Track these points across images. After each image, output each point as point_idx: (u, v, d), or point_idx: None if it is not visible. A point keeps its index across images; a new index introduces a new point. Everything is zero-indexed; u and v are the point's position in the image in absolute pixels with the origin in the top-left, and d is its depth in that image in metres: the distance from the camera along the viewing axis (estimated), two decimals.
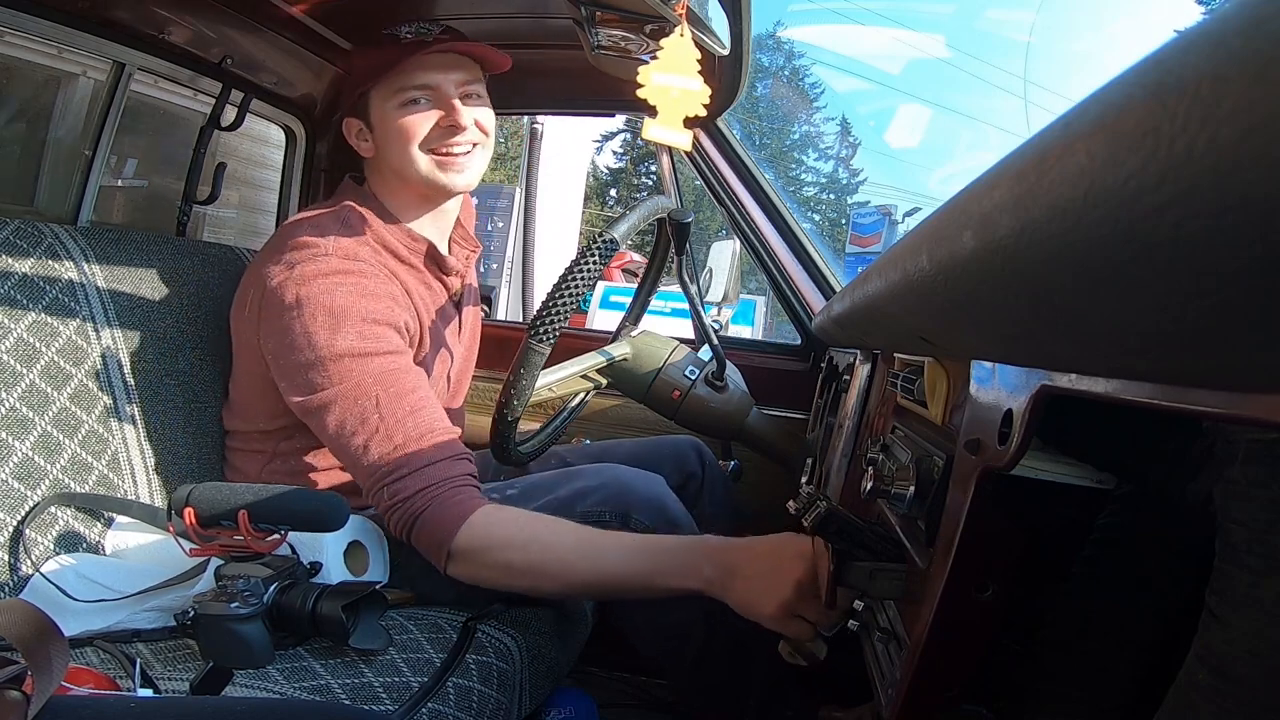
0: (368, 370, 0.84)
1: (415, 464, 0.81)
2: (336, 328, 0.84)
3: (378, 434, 0.82)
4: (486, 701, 0.77)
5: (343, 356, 0.84)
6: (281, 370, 0.88)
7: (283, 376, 0.88)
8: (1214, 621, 0.30)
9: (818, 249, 1.38)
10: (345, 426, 0.84)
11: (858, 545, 0.56)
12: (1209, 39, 0.15)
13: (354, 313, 0.85)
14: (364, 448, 0.82)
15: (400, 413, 0.83)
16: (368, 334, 0.85)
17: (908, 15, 18.16)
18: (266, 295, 0.88)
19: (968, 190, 0.30)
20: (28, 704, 0.42)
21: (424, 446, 0.82)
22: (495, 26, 1.20)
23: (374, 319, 0.86)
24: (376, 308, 0.87)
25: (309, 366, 0.84)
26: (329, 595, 0.71)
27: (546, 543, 0.80)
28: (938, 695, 0.44)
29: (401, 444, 0.82)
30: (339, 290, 0.86)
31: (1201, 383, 0.22)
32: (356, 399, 0.83)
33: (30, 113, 2.00)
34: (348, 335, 0.84)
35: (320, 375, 0.84)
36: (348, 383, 0.84)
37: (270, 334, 0.89)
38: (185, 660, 0.74)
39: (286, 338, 0.86)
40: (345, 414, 0.83)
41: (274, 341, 0.88)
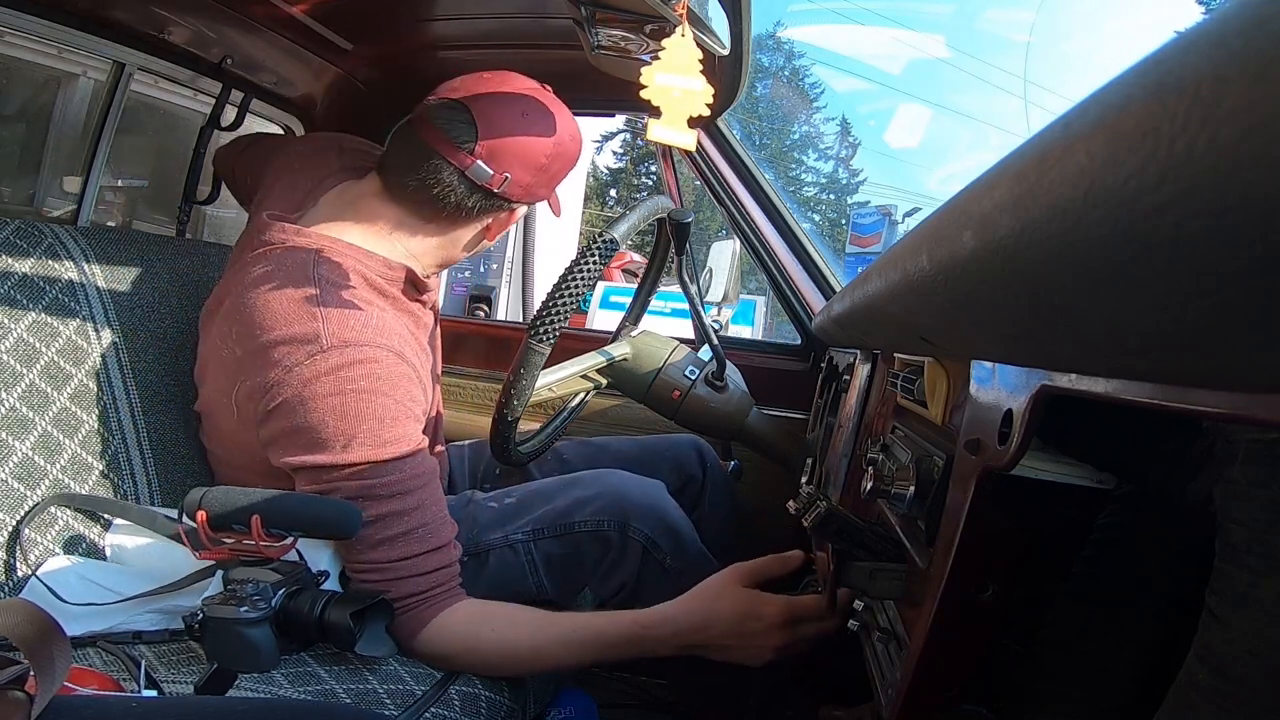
0: (380, 476, 0.77)
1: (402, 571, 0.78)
2: (352, 437, 0.77)
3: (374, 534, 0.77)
4: (491, 706, 0.77)
5: (356, 465, 0.77)
6: (287, 465, 0.80)
7: (289, 466, 0.80)
8: (1214, 621, 0.30)
9: (818, 249, 1.38)
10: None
11: (858, 545, 0.56)
12: (1209, 39, 0.15)
13: (368, 418, 0.77)
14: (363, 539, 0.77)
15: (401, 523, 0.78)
16: (385, 439, 0.78)
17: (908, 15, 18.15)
18: (264, 388, 0.79)
19: (968, 190, 0.30)
20: (30, 704, 0.42)
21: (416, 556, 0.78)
22: (495, 26, 1.20)
23: (390, 418, 0.78)
24: (390, 405, 0.79)
25: (319, 469, 0.78)
26: (337, 602, 0.71)
27: (500, 650, 0.79)
28: (938, 695, 0.44)
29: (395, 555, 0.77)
30: (348, 395, 0.77)
31: (1201, 383, 0.22)
32: (362, 499, 0.77)
33: (30, 113, 2.00)
34: (364, 444, 0.77)
35: (331, 474, 0.77)
36: (354, 483, 0.77)
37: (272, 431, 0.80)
38: (189, 662, 0.74)
39: (294, 438, 0.78)
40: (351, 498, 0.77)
41: (279, 440, 0.80)
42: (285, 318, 0.79)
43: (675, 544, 0.90)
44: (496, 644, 0.78)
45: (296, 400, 0.77)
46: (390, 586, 0.77)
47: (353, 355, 0.78)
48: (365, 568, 0.78)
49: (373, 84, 1.42)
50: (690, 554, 0.91)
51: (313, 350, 0.78)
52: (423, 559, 0.78)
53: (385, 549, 0.77)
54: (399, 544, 0.77)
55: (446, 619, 0.78)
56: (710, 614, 0.77)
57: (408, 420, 0.80)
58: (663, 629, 0.78)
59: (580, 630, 0.79)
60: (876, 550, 0.56)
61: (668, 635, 0.77)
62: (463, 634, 0.79)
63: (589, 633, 0.79)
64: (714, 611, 0.77)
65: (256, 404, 0.80)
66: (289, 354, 0.78)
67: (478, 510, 0.96)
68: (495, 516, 0.95)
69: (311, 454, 0.77)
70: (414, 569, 0.78)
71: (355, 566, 0.79)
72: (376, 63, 1.36)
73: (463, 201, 0.89)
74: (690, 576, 0.89)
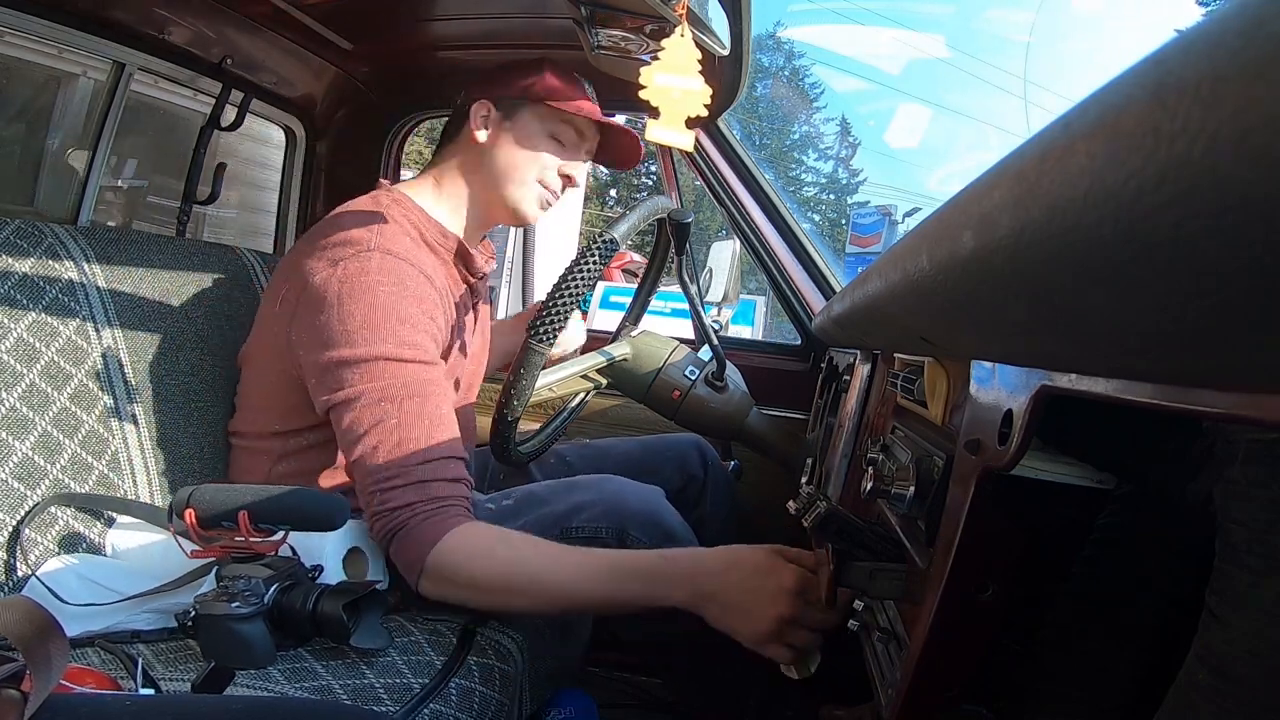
0: (399, 376, 0.84)
1: (411, 477, 0.81)
2: (375, 330, 0.84)
3: (388, 439, 0.82)
4: (488, 702, 0.77)
5: (377, 359, 0.83)
6: (312, 365, 0.87)
7: (312, 372, 0.87)
8: (1214, 621, 0.30)
9: (818, 249, 1.38)
10: (361, 425, 0.83)
11: (858, 545, 0.56)
12: (1209, 39, 0.15)
13: (393, 315, 0.85)
14: (372, 449, 0.82)
15: (416, 425, 0.83)
16: (405, 339, 0.85)
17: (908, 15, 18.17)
18: (307, 290, 0.88)
19: (968, 190, 0.30)
20: (25, 702, 0.42)
21: (427, 461, 0.82)
22: (495, 26, 1.20)
23: (411, 323, 0.86)
24: (415, 312, 0.87)
25: (342, 364, 0.84)
26: (330, 595, 0.71)
27: (514, 563, 0.79)
28: (938, 695, 0.44)
29: (407, 455, 0.81)
30: (380, 291, 0.86)
31: (1201, 383, 0.22)
32: (380, 401, 0.83)
33: (30, 113, 2.00)
34: (385, 339, 0.84)
35: (351, 373, 0.84)
36: (376, 383, 0.83)
37: (306, 328, 0.88)
38: (187, 661, 0.74)
39: (324, 334, 0.86)
40: (365, 413, 0.83)
41: (309, 336, 0.88)
42: (344, 226, 0.91)
43: None
44: (512, 560, 0.79)
45: (334, 294, 0.85)
46: (411, 494, 0.79)
47: (393, 264, 0.87)
48: (385, 476, 0.80)
49: (373, 84, 1.42)
50: None
51: (360, 250, 0.88)
52: (441, 464, 0.81)
53: (405, 450, 0.80)
54: (418, 445, 0.81)
55: (466, 531, 0.80)
56: (734, 559, 0.76)
57: (429, 339, 0.88)
58: (682, 562, 0.77)
59: (599, 556, 0.79)
60: (876, 550, 0.56)
61: (685, 570, 0.76)
62: (482, 546, 0.79)
63: (607, 559, 0.79)
64: (738, 558, 0.76)
65: (298, 299, 0.89)
66: (339, 253, 0.88)
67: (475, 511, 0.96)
68: (492, 518, 0.95)
69: (337, 349, 0.84)
70: (434, 473, 0.81)
71: (373, 481, 0.81)
72: (376, 63, 1.36)
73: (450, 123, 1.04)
74: None
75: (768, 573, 0.73)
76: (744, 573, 0.74)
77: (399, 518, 0.80)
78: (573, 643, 1.00)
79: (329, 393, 0.85)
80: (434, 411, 0.84)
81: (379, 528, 0.82)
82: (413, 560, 0.80)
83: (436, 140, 1.10)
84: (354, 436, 0.83)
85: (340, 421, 0.85)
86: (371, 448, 0.82)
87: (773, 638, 0.71)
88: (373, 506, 0.82)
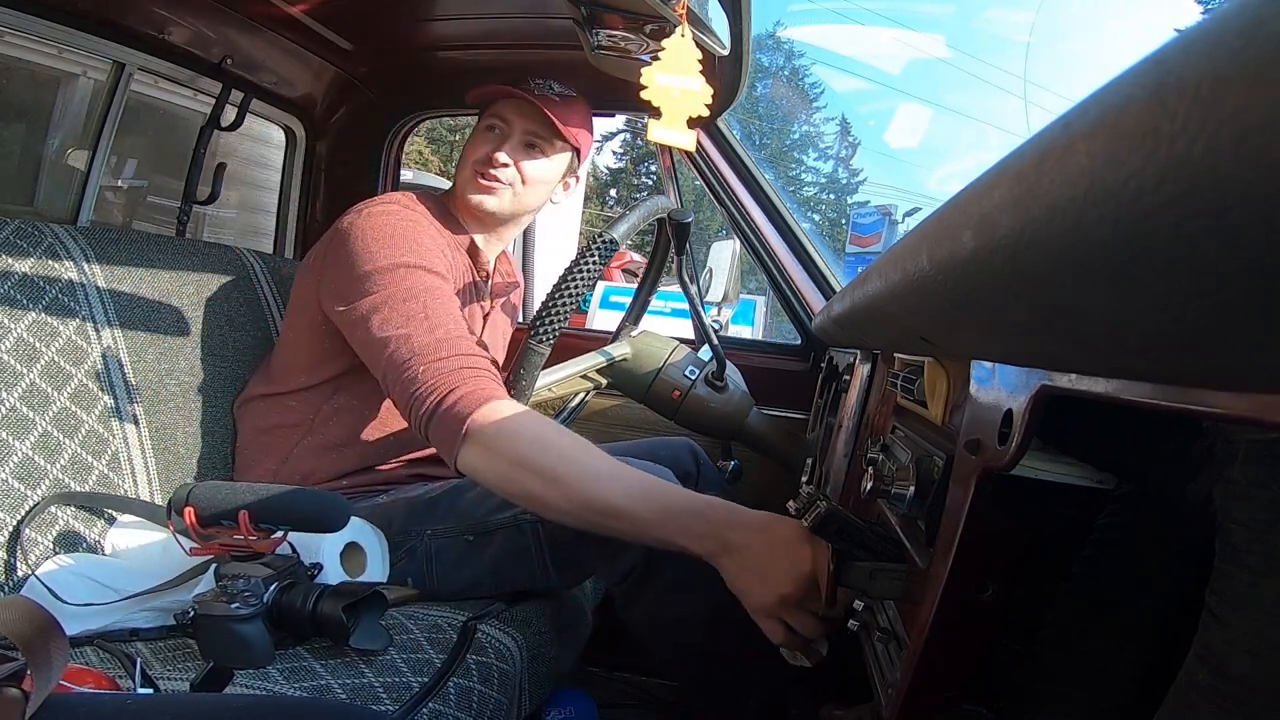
0: (417, 281, 0.91)
1: (448, 351, 0.85)
2: (392, 244, 0.93)
3: (421, 327, 0.87)
4: (487, 702, 0.77)
5: (396, 267, 0.91)
6: (333, 289, 0.94)
7: (334, 295, 0.94)
8: (1214, 621, 0.30)
9: (818, 249, 1.38)
10: (390, 323, 0.88)
11: (858, 545, 0.56)
12: (1209, 39, 0.15)
13: (409, 236, 0.95)
14: (405, 338, 0.86)
15: (444, 314, 0.89)
16: (422, 256, 0.94)
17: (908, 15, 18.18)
18: (336, 235, 0.98)
19: (968, 190, 0.30)
20: (26, 701, 0.42)
21: (461, 339, 0.87)
22: (495, 26, 1.20)
23: (426, 248, 0.95)
24: (429, 241, 0.97)
25: (362, 277, 0.91)
26: (329, 595, 0.71)
27: (562, 448, 0.79)
28: (938, 695, 0.44)
29: (440, 338, 0.86)
30: (398, 220, 0.96)
31: (1201, 383, 0.22)
32: (405, 300, 0.89)
33: (30, 113, 2.00)
34: (401, 251, 0.92)
35: (372, 283, 0.91)
36: (398, 287, 0.90)
37: (331, 263, 0.96)
38: (186, 660, 0.74)
39: (345, 258, 0.94)
40: (392, 313, 0.88)
41: (333, 268, 0.96)
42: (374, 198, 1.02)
43: None
44: (552, 438, 0.80)
45: (359, 231, 0.95)
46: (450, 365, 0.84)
47: (411, 215, 0.98)
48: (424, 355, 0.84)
49: (373, 84, 1.42)
50: None
51: (384, 202, 0.99)
52: (472, 348, 0.87)
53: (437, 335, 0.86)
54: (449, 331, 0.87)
55: (508, 402, 0.82)
56: (769, 524, 0.74)
57: (441, 262, 0.96)
58: (720, 511, 0.75)
59: (640, 472, 0.79)
60: (876, 550, 0.56)
61: (722, 518, 0.74)
62: (524, 418, 0.81)
63: (648, 477, 0.79)
64: (772, 525, 0.74)
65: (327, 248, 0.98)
66: (365, 206, 0.99)
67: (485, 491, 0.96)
68: None
69: (361, 265, 0.92)
70: (469, 350, 0.86)
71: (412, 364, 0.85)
72: (376, 63, 1.36)
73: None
74: (699, 568, 0.89)
75: (795, 547, 0.71)
76: (773, 539, 0.73)
77: (441, 388, 0.82)
78: (572, 642, 1.00)
79: (355, 303, 0.91)
80: (456, 312, 0.92)
81: (421, 408, 0.83)
82: (454, 429, 0.80)
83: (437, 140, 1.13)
84: (386, 334, 0.88)
85: (370, 327, 0.89)
86: (404, 336, 0.86)
87: (777, 610, 0.70)
88: (412, 388, 0.84)
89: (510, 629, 0.88)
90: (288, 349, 1.05)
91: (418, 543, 0.92)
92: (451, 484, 0.99)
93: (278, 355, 1.07)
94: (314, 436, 1.01)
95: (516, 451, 0.79)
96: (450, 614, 0.87)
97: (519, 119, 1.06)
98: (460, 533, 0.92)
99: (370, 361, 0.91)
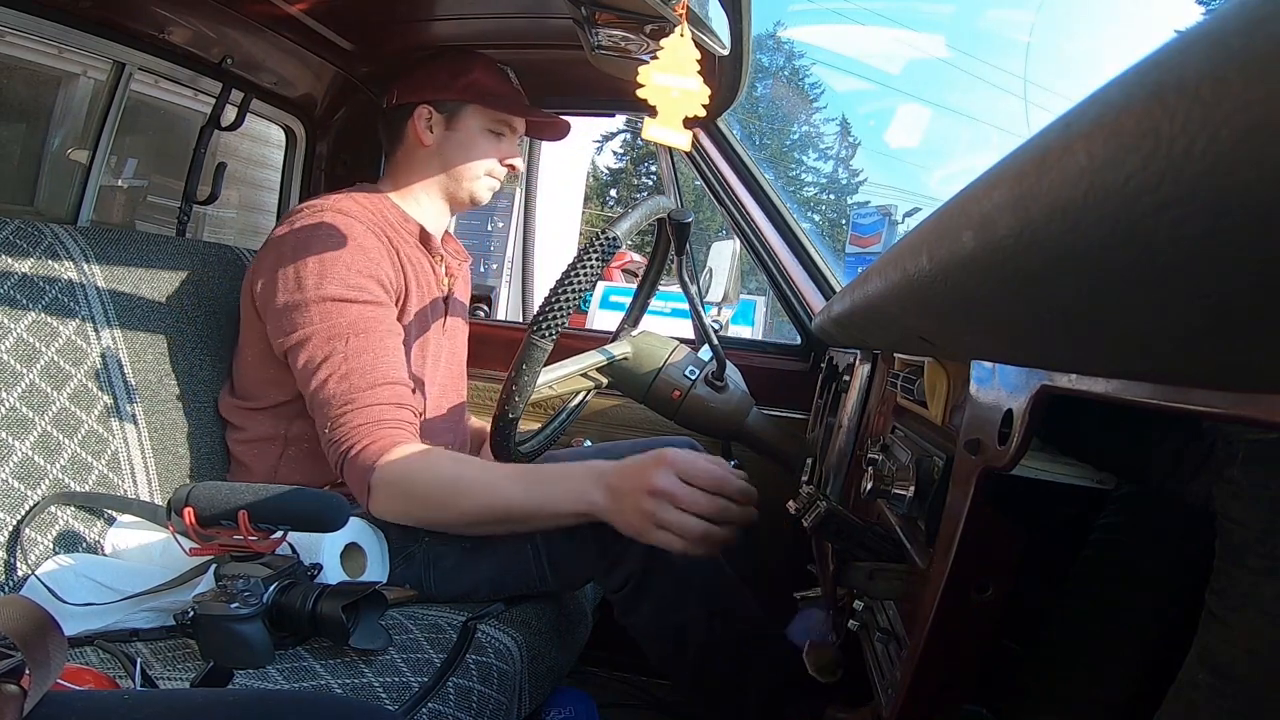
0: (345, 316, 0.91)
1: (358, 403, 0.88)
2: (324, 274, 0.92)
3: (337, 372, 0.89)
4: (486, 702, 0.77)
5: (325, 300, 0.91)
6: (270, 312, 0.95)
7: (270, 318, 0.95)
8: (1214, 621, 0.30)
9: (818, 249, 1.38)
10: (313, 362, 0.91)
11: (857, 545, 0.56)
12: (1209, 39, 0.15)
13: (341, 261, 0.93)
14: (323, 383, 0.90)
15: (362, 358, 0.90)
16: (351, 283, 0.93)
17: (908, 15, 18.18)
18: (267, 249, 0.98)
19: (968, 190, 0.30)
20: (24, 698, 0.42)
21: (372, 388, 0.89)
22: (495, 26, 1.20)
23: (358, 269, 0.94)
24: (361, 259, 0.95)
25: (294, 307, 0.92)
26: (329, 595, 0.71)
27: (455, 479, 0.86)
28: (938, 695, 0.44)
29: (353, 385, 0.89)
30: (330, 239, 0.94)
31: (1201, 383, 0.22)
32: (329, 339, 0.90)
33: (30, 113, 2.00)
34: (332, 282, 0.92)
35: (302, 315, 0.91)
36: (325, 324, 0.91)
37: (266, 283, 0.95)
38: (185, 660, 0.74)
39: (278, 280, 0.94)
40: (316, 351, 0.91)
41: (266, 286, 0.95)
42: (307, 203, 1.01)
43: None
44: (451, 470, 0.87)
45: (288, 246, 0.94)
46: (358, 418, 0.88)
47: (343, 220, 0.96)
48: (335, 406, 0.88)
49: (372, 84, 1.42)
50: None
51: (313, 210, 0.98)
52: (386, 390, 0.90)
53: (350, 381, 0.89)
54: (363, 376, 0.89)
55: (409, 446, 0.88)
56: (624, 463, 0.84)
57: (374, 283, 0.95)
58: (595, 464, 0.85)
59: (526, 466, 0.89)
60: (876, 550, 0.56)
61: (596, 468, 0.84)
62: (424, 459, 0.87)
63: (534, 468, 0.89)
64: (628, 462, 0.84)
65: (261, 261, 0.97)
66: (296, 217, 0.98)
67: None
68: None
69: (290, 294, 0.92)
70: (378, 399, 0.89)
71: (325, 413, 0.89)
72: (376, 63, 1.36)
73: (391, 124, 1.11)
74: (696, 571, 0.89)
75: (638, 472, 0.81)
76: (623, 475, 0.82)
77: (348, 441, 0.87)
78: (572, 642, 1.00)
79: (285, 335, 0.93)
80: (378, 345, 0.92)
81: (333, 456, 0.89)
82: (361, 478, 0.86)
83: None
84: (308, 374, 0.91)
85: (296, 362, 0.92)
86: (322, 382, 0.90)
87: (652, 527, 0.79)
88: (326, 435, 0.89)
89: (510, 629, 0.88)
90: (252, 367, 1.03)
91: (416, 549, 0.92)
92: None
93: (243, 370, 1.04)
94: (296, 447, 1.01)
95: (415, 494, 0.86)
96: (450, 614, 0.87)
97: (521, 129, 1.14)
98: (458, 539, 0.92)
99: (301, 389, 0.94)
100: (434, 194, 1.12)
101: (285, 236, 0.96)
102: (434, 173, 1.10)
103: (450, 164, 1.10)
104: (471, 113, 1.09)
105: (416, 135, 1.08)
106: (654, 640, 0.92)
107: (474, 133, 1.10)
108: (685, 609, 0.89)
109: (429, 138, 1.08)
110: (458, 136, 1.09)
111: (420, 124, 1.08)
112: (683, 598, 0.89)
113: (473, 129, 1.10)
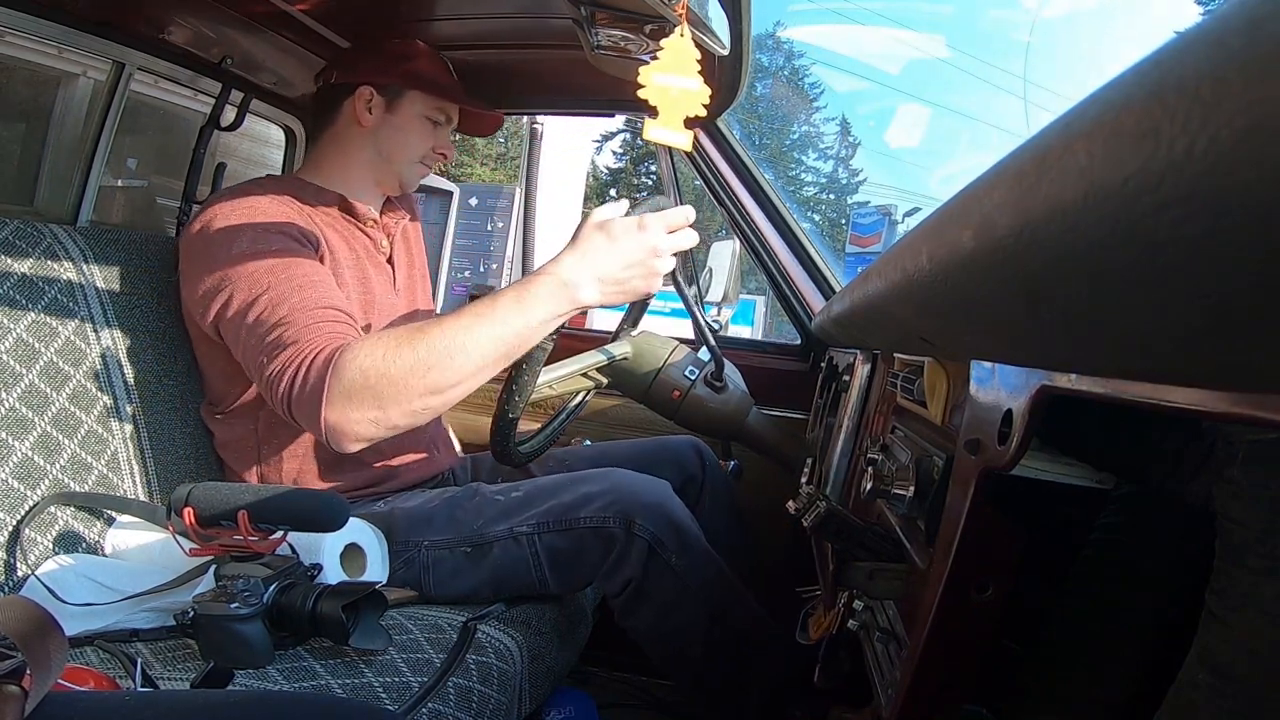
0: (263, 261, 0.88)
1: (296, 323, 0.83)
2: (232, 239, 0.90)
3: (264, 314, 0.84)
4: (487, 702, 0.77)
5: (238, 259, 0.88)
6: (196, 299, 0.91)
7: (198, 305, 0.91)
8: (1214, 621, 0.30)
9: (818, 249, 1.38)
10: (240, 314, 0.86)
11: (857, 545, 0.56)
12: (1209, 39, 0.15)
13: (247, 223, 0.91)
14: (252, 326, 0.85)
15: (289, 286, 0.86)
16: (260, 238, 0.90)
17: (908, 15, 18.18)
18: (183, 242, 0.95)
19: (968, 190, 0.30)
20: (25, 698, 0.42)
21: (308, 308, 0.84)
22: (495, 26, 1.20)
23: (265, 227, 0.92)
24: (264, 219, 0.93)
25: (213, 278, 0.88)
26: (329, 595, 0.71)
27: (419, 338, 0.78)
28: (938, 695, 0.44)
29: (283, 318, 0.83)
30: (235, 214, 0.92)
31: (1201, 383, 0.22)
32: (250, 287, 0.86)
33: (30, 113, 2.00)
34: (242, 241, 0.89)
35: (221, 280, 0.88)
36: (242, 280, 0.87)
37: (188, 275, 0.93)
38: (185, 660, 0.74)
39: (196, 267, 0.91)
40: (240, 301, 0.86)
41: (187, 278, 0.93)
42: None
43: (680, 542, 0.90)
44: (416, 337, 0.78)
45: (200, 235, 0.91)
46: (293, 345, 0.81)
47: (251, 200, 0.94)
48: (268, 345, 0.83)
49: None
50: (695, 552, 0.91)
51: (221, 197, 0.95)
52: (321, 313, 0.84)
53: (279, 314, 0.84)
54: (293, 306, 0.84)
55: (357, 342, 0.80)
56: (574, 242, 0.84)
57: (285, 236, 0.92)
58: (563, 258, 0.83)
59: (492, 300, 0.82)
60: (876, 550, 0.56)
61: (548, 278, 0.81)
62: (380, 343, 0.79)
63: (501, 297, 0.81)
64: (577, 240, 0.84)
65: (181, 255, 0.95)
66: (206, 205, 0.95)
67: (483, 503, 0.97)
68: (501, 509, 0.95)
69: (209, 272, 0.88)
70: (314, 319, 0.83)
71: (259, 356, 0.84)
72: None
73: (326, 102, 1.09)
74: (695, 575, 0.89)
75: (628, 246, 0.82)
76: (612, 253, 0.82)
77: (289, 370, 0.80)
78: (572, 642, 1.00)
79: (210, 308, 0.89)
80: (303, 278, 0.87)
81: (278, 396, 0.81)
82: (316, 398, 0.78)
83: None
84: (236, 326, 0.87)
85: (226, 326, 0.89)
86: (251, 325, 0.85)
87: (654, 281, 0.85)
88: (264, 376, 0.83)
89: (510, 629, 0.88)
90: (208, 368, 1.01)
91: (415, 553, 0.92)
92: (448, 494, 0.99)
93: (205, 374, 1.03)
94: (269, 445, 0.99)
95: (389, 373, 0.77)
96: (450, 614, 0.87)
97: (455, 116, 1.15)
98: (458, 544, 0.92)
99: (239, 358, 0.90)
100: (363, 174, 1.09)
101: (193, 229, 0.93)
102: (366, 154, 1.08)
103: (384, 147, 1.08)
104: (412, 99, 1.08)
105: (354, 114, 1.06)
106: (655, 642, 0.92)
107: (412, 118, 1.09)
108: (685, 611, 0.89)
109: (368, 119, 1.06)
110: (396, 120, 1.08)
111: (360, 104, 1.06)
112: (682, 600, 0.89)
113: (411, 114, 1.09)
